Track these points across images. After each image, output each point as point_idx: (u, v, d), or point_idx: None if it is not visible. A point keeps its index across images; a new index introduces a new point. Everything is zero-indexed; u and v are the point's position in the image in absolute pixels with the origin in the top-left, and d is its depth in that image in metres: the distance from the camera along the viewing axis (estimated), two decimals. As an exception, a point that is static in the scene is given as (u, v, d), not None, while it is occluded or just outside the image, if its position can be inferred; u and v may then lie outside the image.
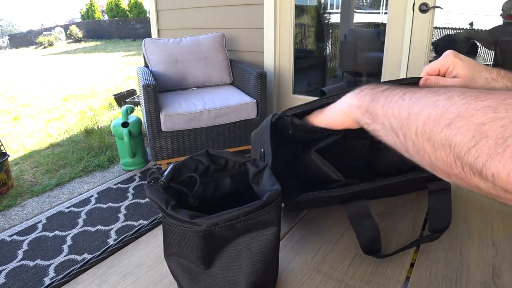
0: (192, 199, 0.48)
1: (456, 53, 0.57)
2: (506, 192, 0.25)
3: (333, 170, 0.54)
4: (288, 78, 2.96)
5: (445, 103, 0.30)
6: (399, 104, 0.35)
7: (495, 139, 0.25)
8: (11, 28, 21.46)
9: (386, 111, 0.37)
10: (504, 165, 0.24)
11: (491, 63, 2.72)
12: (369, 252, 0.53)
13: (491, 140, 0.25)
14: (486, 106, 0.27)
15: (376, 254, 0.53)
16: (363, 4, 3.53)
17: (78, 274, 0.52)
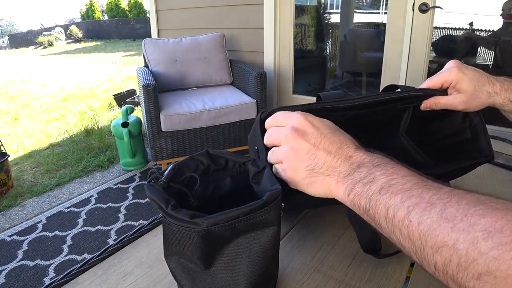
0: (192, 199, 0.48)
1: (460, 67, 0.55)
2: None
3: None
4: (288, 78, 2.96)
5: (468, 248, 0.26)
6: (406, 227, 0.30)
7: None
8: (11, 28, 21.47)
9: (392, 229, 0.32)
10: None
11: (491, 63, 2.72)
12: (369, 251, 0.53)
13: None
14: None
15: (376, 254, 0.53)
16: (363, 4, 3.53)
17: (78, 274, 0.52)
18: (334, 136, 0.41)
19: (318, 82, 3.59)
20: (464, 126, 0.60)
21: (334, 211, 0.66)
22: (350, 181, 0.37)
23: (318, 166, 0.40)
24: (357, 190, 0.36)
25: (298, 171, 0.41)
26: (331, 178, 0.39)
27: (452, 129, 0.62)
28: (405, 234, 0.31)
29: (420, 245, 0.29)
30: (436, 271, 0.29)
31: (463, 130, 0.60)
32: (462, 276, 0.26)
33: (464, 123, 0.60)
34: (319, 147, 0.40)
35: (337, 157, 0.39)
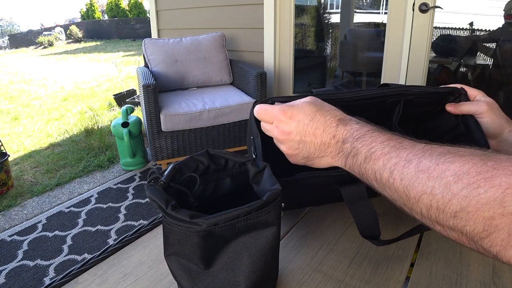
0: (192, 199, 0.48)
1: (492, 106, 0.56)
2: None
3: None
4: (288, 78, 2.96)
5: (443, 192, 0.30)
6: (391, 185, 0.35)
7: (507, 232, 0.26)
8: (11, 28, 21.46)
9: (383, 188, 0.37)
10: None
11: (491, 63, 2.72)
12: (368, 236, 0.53)
13: (503, 233, 0.27)
14: (491, 199, 0.27)
15: (375, 240, 0.53)
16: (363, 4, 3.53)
17: (78, 274, 0.52)
18: (315, 122, 0.45)
19: (318, 82, 3.59)
20: (458, 121, 0.60)
21: (335, 211, 0.66)
22: (341, 156, 0.42)
23: (311, 153, 0.45)
24: (348, 162, 0.41)
25: (297, 158, 0.48)
26: (326, 158, 0.45)
27: (446, 125, 0.63)
28: (392, 190, 0.35)
29: (406, 197, 0.34)
30: (423, 217, 0.33)
31: (457, 124, 0.61)
32: (442, 218, 0.30)
33: (457, 118, 0.60)
34: (306, 138, 0.45)
35: (323, 141, 0.44)
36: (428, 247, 0.57)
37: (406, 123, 0.67)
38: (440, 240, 0.59)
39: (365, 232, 0.53)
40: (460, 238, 0.31)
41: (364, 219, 0.52)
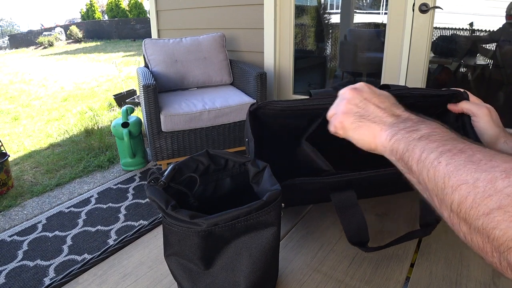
0: (192, 199, 0.48)
1: (491, 112, 0.57)
2: None
3: (322, 160, 0.55)
4: (288, 78, 2.96)
5: (486, 186, 0.28)
6: (434, 167, 0.33)
7: None
8: (11, 28, 21.47)
9: (421, 170, 0.35)
10: None
11: (491, 64, 2.72)
12: (356, 243, 0.53)
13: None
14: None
15: (363, 246, 0.53)
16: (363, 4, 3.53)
17: (78, 274, 0.52)
18: (386, 99, 0.46)
19: (318, 82, 3.59)
20: (457, 125, 0.61)
21: (334, 212, 0.66)
22: (395, 128, 0.40)
23: (367, 114, 0.44)
24: (398, 136, 0.39)
25: (348, 116, 0.46)
26: (377, 125, 0.43)
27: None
28: (431, 174, 0.33)
29: (442, 184, 0.32)
30: (452, 211, 0.31)
31: (456, 129, 0.61)
32: (473, 214, 0.28)
33: (457, 122, 0.61)
34: (371, 101, 0.45)
35: (385, 112, 0.43)
36: (428, 247, 0.57)
37: None
38: (440, 240, 0.59)
39: (353, 238, 0.53)
40: (484, 245, 0.28)
41: (353, 226, 0.52)
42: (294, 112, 0.58)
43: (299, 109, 0.57)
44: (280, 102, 0.56)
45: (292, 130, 0.63)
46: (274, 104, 0.56)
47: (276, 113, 0.57)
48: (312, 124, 0.59)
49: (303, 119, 0.59)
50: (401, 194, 0.73)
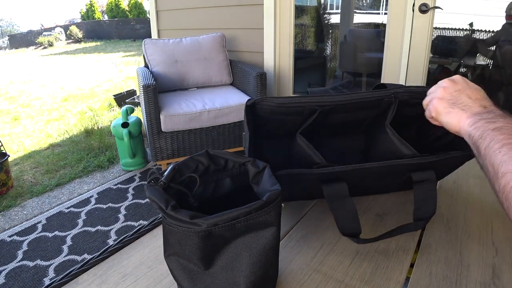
0: (192, 199, 0.48)
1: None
2: None
3: (315, 153, 0.55)
4: (288, 78, 2.96)
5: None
6: (495, 155, 0.41)
7: None
8: (11, 28, 21.46)
9: (486, 155, 0.43)
10: None
11: (491, 64, 2.72)
12: (347, 234, 0.54)
13: None
14: None
15: (355, 237, 0.53)
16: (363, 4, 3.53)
17: (78, 274, 0.52)
18: (478, 91, 0.52)
19: (318, 82, 3.59)
20: None
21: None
22: (478, 117, 0.47)
23: (458, 102, 0.51)
24: (478, 124, 0.46)
25: (442, 102, 0.53)
26: (465, 113, 0.50)
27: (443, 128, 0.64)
28: (491, 161, 0.41)
29: (497, 169, 0.40)
30: (499, 191, 0.39)
31: None
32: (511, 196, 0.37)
33: None
34: (464, 92, 0.52)
35: (475, 102, 0.50)
36: (428, 247, 0.57)
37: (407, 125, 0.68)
38: (440, 240, 0.59)
39: (345, 230, 0.53)
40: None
41: (344, 217, 0.53)
42: (289, 108, 0.58)
43: (294, 105, 0.58)
44: (276, 98, 0.57)
45: (288, 126, 0.64)
46: (271, 100, 0.57)
47: (272, 109, 0.59)
48: (307, 120, 0.60)
49: (298, 115, 0.60)
50: (400, 194, 0.73)
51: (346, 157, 0.73)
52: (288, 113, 0.60)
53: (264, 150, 0.62)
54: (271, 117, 0.61)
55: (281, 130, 0.65)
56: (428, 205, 0.57)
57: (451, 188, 0.76)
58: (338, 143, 0.73)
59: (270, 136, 0.67)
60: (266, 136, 0.66)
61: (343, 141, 0.73)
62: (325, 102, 0.58)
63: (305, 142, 0.57)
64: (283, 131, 0.65)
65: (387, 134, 0.61)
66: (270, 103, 0.58)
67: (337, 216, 0.53)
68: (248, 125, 0.58)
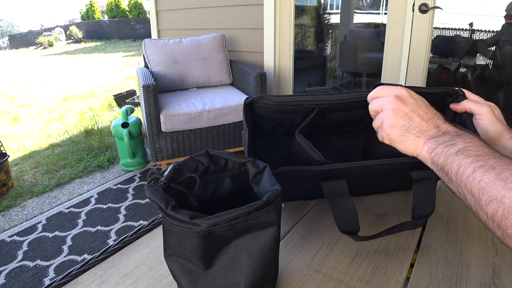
0: (192, 199, 0.48)
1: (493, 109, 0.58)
2: None
3: (314, 151, 0.55)
4: (288, 78, 2.96)
5: (511, 202, 0.34)
6: (470, 183, 0.39)
7: None
8: (11, 28, 21.46)
9: (460, 182, 0.40)
10: None
11: (491, 64, 2.72)
12: (346, 231, 0.54)
13: None
14: None
15: (354, 235, 0.53)
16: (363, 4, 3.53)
17: (78, 274, 0.52)
18: (428, 109, 0.49)
19: (318, 82, 3.59)
20: (456, 123, 0.61)
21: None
22: (434, 142, 0.45)
23: (412, 128, 0.48)
24: (438, 150, 0.44)
25: (395, 128, 0.49)
26: (420, 139, 0.47)
27: None
28: (468, 188, 0.39)
29: (478, 197, 0.38)
30: (487, 219, 0.37)
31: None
32: (504, 224, 0.34)
33: (455, 120, 0.61)
34: (415, 113, 0.48)
35: (428, 124, 0.47)
36: (428, 247, 0.57)
37: None
38: (440, 240, 0.59)
39: (343, 227, 0.53)
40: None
41: (343, 214, 0.53)
42: (288, 106, 0.59)
43: (292, 104, 0.58)
44: (274, 97, 0.58)
45: (286, 124, 0.64)
46: (269, 98, 0.58)
47: (270, 108, 0.59)
48: (305, 119, 0.60)
49: (297, 114, 0.60)
50: (400, 194, 0.73)
51: (346, 155, 0.73)
52: (287, 111, 0.60)
53: (263, 149, 0.62)
54: (270, 116, 0.61)
55: (279, 128, 0.65)
56: (426, 204, 0.57)
57: (451, 188, 0.76)
58: (338, 141, 0.73)
59: (269, 135, 0.67)
60: (265, 135, 0.67)
61: (343, 140, 0.73)
62: (323, 100, 0.58)
63: (304, 140, 0.57)
64: (282, 129, 0.66)
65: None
66: (268, 101, 0.58)
67: (335, 213, 0.53)
68: (247, 123, 0.58)
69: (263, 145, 0.68)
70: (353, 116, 0.65)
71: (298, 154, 0.59)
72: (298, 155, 0.59)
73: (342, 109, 0.61)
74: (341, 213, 0.53)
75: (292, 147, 0.62)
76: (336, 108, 0.60)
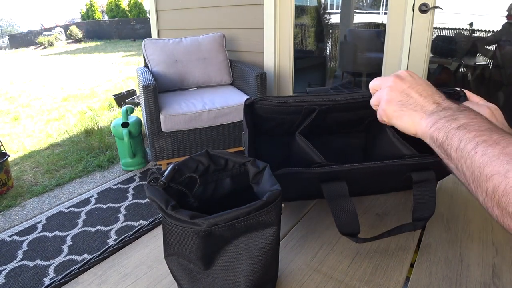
0: (192, 199, 0.48)
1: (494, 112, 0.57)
2: None
3: (315, 152, 0.55)
4: (288, 78, 2.96)
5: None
6: (471, 157, 0.36)
7: None
8: (11, 28, 21.45)
9: (460, 158, 0.38)
10: None
11: (491, 64, 2.72)
12: (346, 233, 0.53)
13: None
14: None
15: (354, 237, 0.53)
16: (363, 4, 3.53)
17: (78, 274, 0.52)
18: (428, 87, 0.48)
19: (318, 82, 3.59)
20: None
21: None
22: (435, 117, 0.43)
23: (409, 102, 0.47)
24: (438, 124, 0.42)
25: (391, 104, 0.48)
26: (417, 114, 0.45)
27: None
28: (468, 163, 0.37)
29: (478, 172, 0.35)
30: (487, 197, 0.34)
31: None
32: (505, 201, 0.32)
33: None
34: (413, 89, 0.47)
35: (426, 100, 0.46)
36: (428, 247, 0.57)
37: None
38: (440, 240, 0.59)
39: (343, 229, 0.53)
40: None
41: (343, 216, 0.53)
42: (288, 107, 0.58)
43: (293, 105, 0.58)
44: (274, 98, 0.57)
45: (286, 125, 0.64)
46: (269, 99, 0.57)
47: (271, 108, 0.59)
48: (306, 119, 0.60)
49: (297, 114, 0.60)
50: (400, 194, 0.73)
51: (346, 155, 0.73)
52: (287, 112, 0.60)
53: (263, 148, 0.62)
54: (270, 116, 0.61)
55: (280, 128, 0.65)
56: (427, 205, 0.57)
57: (451, 188, 0.76)
58: (338, 141, 0.73)
59: (269, 135, 0.67)
60: (264, 135, 0.66)
61: (343, 139, 0.73)
62: (324, 101, 0.58)
63: (304, 141, 0.57)
64: (282, 129, 0.65)
65: (387, 134, 0.61)
66: (268, 102, 0.58)
67: (336, 216, 0.53)
68: (247, 124, 0.58)
69: (263, 145, 0.68)
70: (354, 116, 0.65)
71: (299, 155, 0.59)
72: (299, 156, 0.59)
73: (343, 109, 0.61)
74: (341, 215, 0.53)
75: (292, 148, 0.62)
76: (337, 108, 0.60)
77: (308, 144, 0.57)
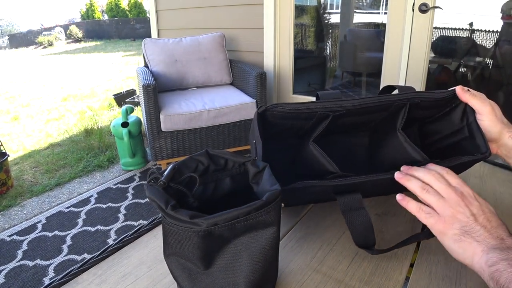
0: (192, 199, 0.48)
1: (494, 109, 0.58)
2: None
3: (329, 162, 0.55)
4: (288, 78, 2.97)
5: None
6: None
7: None
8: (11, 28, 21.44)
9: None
10: None
11: (491, 64, 2.72)
12: (362, 246, 0.53)
13: None
14: None
15: (370, 249, 0.53)
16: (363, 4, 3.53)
17: (78, 274, 0.52)
18: (493, 216, 0.45)
19: (318, 82, 3.59)
20: (462, 125, 0.60)
21: (335, 212, 0.66)
22: (497, 255, 0.40)
23: (473, 231, 0.44)
24: (500, 266, 0.39)
25: (452, 227, 0.45)
26: (479, 245, 0.42)
27: (451, 128, 0.62)
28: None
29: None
30: None
31: (461, 128, 0.61)
32: None
33: (462, 122, 0.60)
34: (478, 220, 0.44)
35: (490, 234, 0.43)
36: (428, 247, 0.57)
37: (409, 123, 0.67)
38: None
39: (359, 241, 0.53)
40: None
41: (359, 228, 0.52)
42: (301, 114, 0.57)
43: (307, 111, 0.57)
44: (287, 105, 0.56)
45: (298, 131, 0.62)
46: (282, 106, 0.56)
47: (282, 115, 0.57)
48: (318, 126, 0.59)
49: (308, 120, 0.59)
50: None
51: (351, 155, 0.72)
52: (299, 118, 0.58)
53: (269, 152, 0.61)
54: (279, 122, 0.59)
55: (288, 132, 0.64)
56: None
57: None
58: (342, 140, 0.72)
59: (275, 138, 0.66)
60: (271, 139, 0.65)
61: (347, 139, 0.72)
62: (338, 107, 0.57)
63: (318, 150, 0.56)
64: (290, 133, 0.64)
65: (398, 138, 0.60)
66: (282, 109, 0.56)
67: (351, 228, 0.52)
68: (260, 135, 0.56)
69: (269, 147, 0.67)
70: (364, 119, 0.64)
71: (311, 163, 0.57)
72: (310, 164, 0.58)
73: (355, 114, 0.60)
74: (357, 228, 0.52)
75: (302, 153, 0.61)
76: (349, 113, 0.59)
77: (322, 153, 0.55)
